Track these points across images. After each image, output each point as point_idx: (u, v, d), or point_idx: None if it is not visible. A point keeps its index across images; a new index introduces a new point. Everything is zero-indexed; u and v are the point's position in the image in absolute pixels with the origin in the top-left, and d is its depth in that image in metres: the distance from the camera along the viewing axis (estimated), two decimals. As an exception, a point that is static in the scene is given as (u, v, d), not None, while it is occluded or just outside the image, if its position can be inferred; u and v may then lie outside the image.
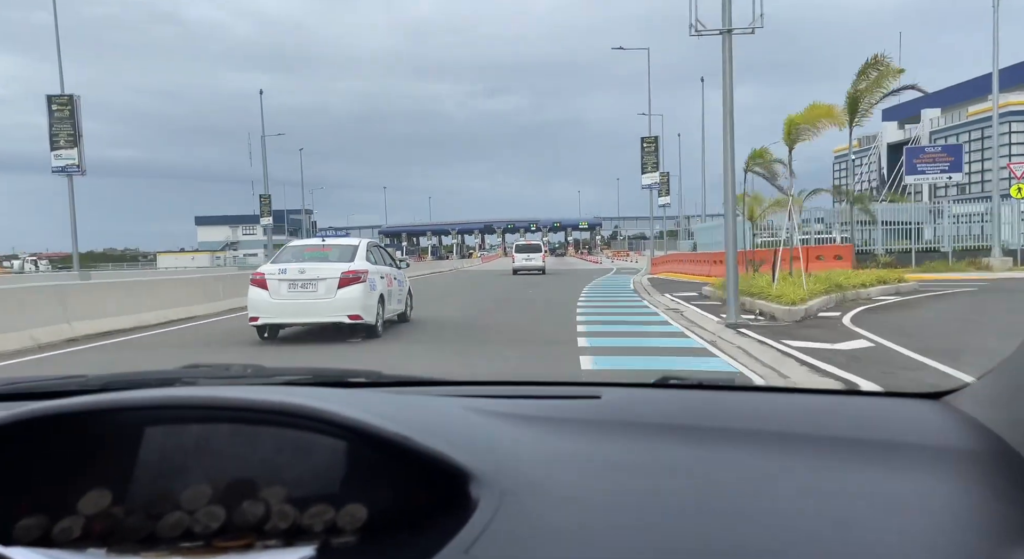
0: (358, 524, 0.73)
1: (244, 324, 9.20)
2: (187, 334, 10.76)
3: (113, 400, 0.79)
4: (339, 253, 8.82)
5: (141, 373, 0.94)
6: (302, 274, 8.32)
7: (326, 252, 8.90)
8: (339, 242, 9.56)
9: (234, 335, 10.02)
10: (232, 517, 0.73)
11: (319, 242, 9.67)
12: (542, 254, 30.42)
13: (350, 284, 8.27)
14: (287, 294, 8.26)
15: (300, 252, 9.05)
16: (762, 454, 0.85)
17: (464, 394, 1.10)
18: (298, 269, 8.40)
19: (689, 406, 1.09)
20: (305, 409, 0.75)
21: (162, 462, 0.77)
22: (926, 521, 0.69)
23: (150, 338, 10.36)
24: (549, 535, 0.64)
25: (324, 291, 8.25)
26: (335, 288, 8.24)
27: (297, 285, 8.30)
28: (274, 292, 8.26)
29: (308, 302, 8.30)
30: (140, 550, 0.71)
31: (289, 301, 8.28)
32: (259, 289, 8.34)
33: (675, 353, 8.19)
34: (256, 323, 8.47)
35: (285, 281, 8.27)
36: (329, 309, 8.29)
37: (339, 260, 8.62)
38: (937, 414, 0.98)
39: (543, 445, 0.85)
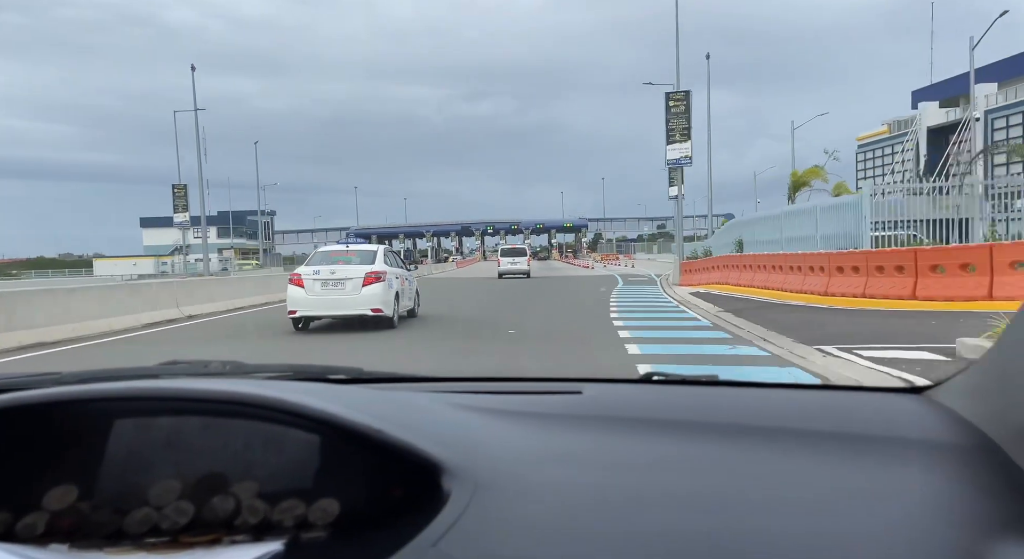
0: (330, 519, 0.73)
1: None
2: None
3: (81, 391, 0.78)
4: (361, 257, 10.60)
5: (118, 370, 0.89)
6: (332, 274, 10.12)
7: (351, 256, 10.67)
8: (361, 248, 11.29)
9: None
10: (201, 513, 0.73)
11: (344, 248, 11.39)
12: (527, 258, 31.64)
13: (373, 283, 10.10)
14: (320, 291, 10.07)
15: (329, 256, 10.79)
16: (744, 448, 0.86)
17: (446, 390, 1.11)
18: (329, 270, 10.16)
19: (671, 402, 1.07)
20: (274, 400, 0.74)
21: (131, 457, 0.76)
22: (908, 513, 0.70)
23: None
24: (521, 529, 0.63)
25: (351, 289, 10.09)
26: (360, 286, 10.07)
27: (328, 284, 10.10)
28: (309, 290, 10.07)
29: (337, 298, 10.10)
30: (105, 546, 0.70)
31: (322, 297, 10.08)
32: (297, 287, 10.16)
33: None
34: (294, 316, 10.22)
35: (318, 280, 10.07)
36: (355, 304, 10.09)
37: (362, 263, 10.42)
38: (919, 408, 0.99)
39: (522, 440, 0.85)
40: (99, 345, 10.28)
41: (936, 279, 10.81)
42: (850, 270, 12.40)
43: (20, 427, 0.77)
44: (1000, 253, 10.35)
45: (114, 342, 10.67)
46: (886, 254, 12.07)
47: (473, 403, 0.97)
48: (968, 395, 0.94)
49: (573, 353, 8.40)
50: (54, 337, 10.45)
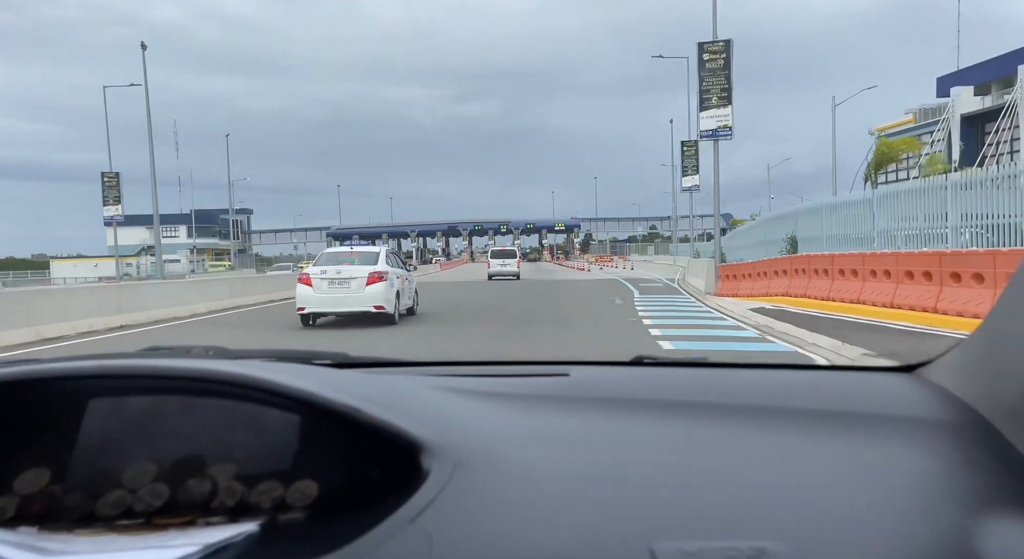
0: (308, 501, 0.73)
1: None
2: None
3: (54, 369, 0.77)
4: (365, 258, 11.58)
5: (97, 355, 0.84)
6: (339, 274, 11.01)
7: (355, 257, 11.63)
8: (364, 249, 12.40)
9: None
10: (177, 495, 0.73)
11: (349, 249, 12.39)
12: (516, 260, 32.24)
13: (376, 282, 11.01)
14: (327, 289, 10.96)
15: (335, 257, 11.78)
16: (734, 427, 0.86)
17: (431, 373, 1.11)
18: (335, 270, 11.05)
19: (660, 383, 1.07)
20: (252, 379, 0.74)
21: (105, 440, 0.76)
22: (899, 490, 0.70)
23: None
24: (501, 508, 0.64)
25: (356, 287, 10.99)
26: (364, 285, 10.97)
27: (335, 283, 10.99)
28: (317, 288, 10.95)
29: (343, 295, 10.99)
30: (75, 528, 0.69)
31: (329, 295, 10.98)
32: (305, 286, 11.04)
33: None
34: (303, 312, 11.09)
35: (325, 279, 10.96)
36: (359, 301, 10.98)
37: (366, 263, 11.33)
38: (909, 386, 1.00)
39: (506, 421, 0.85)
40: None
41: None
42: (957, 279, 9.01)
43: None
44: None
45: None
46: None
47: (458, 385, 0.96)
48: (959, 372, 0.94)
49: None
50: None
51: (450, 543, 0.57)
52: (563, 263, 69.43)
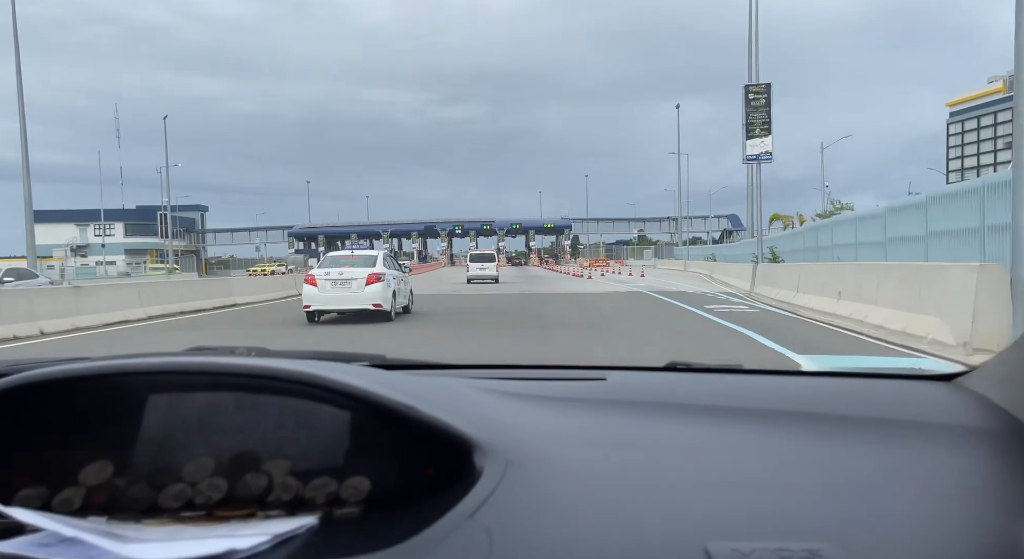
0: (361, 496, 0.75)
1: None
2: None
3: (116, 365, 0.80)
4: (364, 261, 13.01)
5: (146, 354, 0.88)
6: (340, 275, 12.39)
7: (356, 260, 13.13)
8: (364, 253, 14.05)
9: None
10: (234, 489, 0.76)
11: (350, 253, 14.13)
12: (495, 264, 32.53)
13: (374, 282, 12.33)
14: (330, 289, 12.33)
15: (338, 260, 13.16)
16: (771, 432, 0.87)
17: (471, 376, 1.13)
18: (338, 272, 12.45)
19: (696, 388, 1.10)
20: (310, 376, 0.76)
21: (165, 435, 0.79)
22: (940, 497, 0.71)
23: None
24: (552, 506, 0.65)
25: (356, 287, 12.31)
26: (364, 285, 12.29)
27: (337, 283, 12.34)
28: (321, 288, 12.33)
29: (345, 294, 12.33)
30: (142, 519, 0.72)
31: (331, 294, 12.34)
32: (311, 286, 12.41)
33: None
34: (308, 309, 12.45)
35: (329, 280, 12.35)
36: (359, 299, 12.31)
37: (365, 265, 12.71)
38: (950, 395, 1.00)
39: (547, 422, 0.87)
40: None
41: None
42: None
43: (57, 403, 0.78)
44: None
45: None
46: None
47: (499, 387, 0.98)
48: (1000, 381, 0.95)
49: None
50: None
51: (509, 539, 0.58)
52: (554, 268, 61.27)
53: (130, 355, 0.87)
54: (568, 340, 10.26)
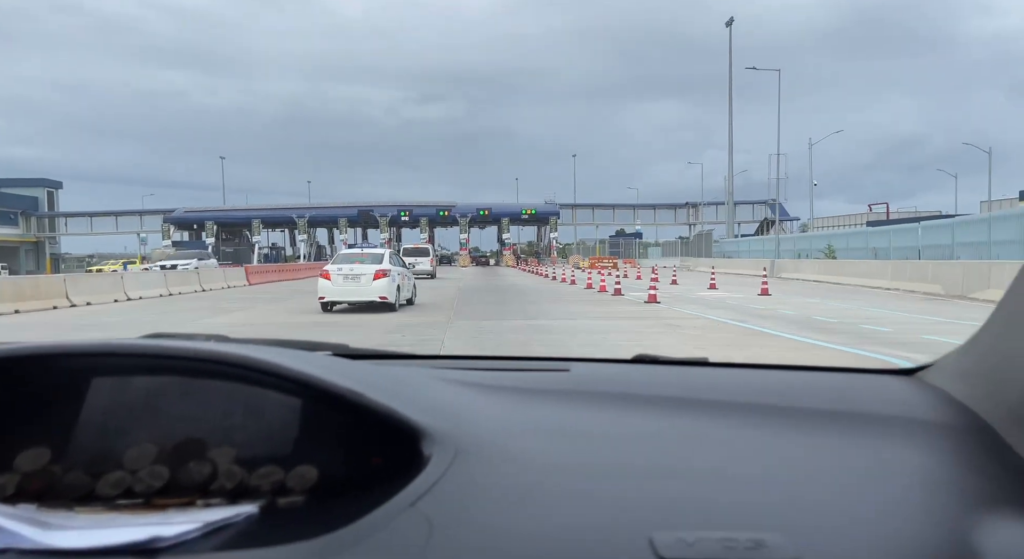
0: (308, 485, 0.75)
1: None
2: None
3: (57, 346, 0.78)
4: (372, 258, 14.71)
5: (98, 340, 0.85)
6: (351, 271, 14.16)
7: (364, 257, 14.79)
8: (372, 251, 15.68)
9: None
10: (177, 477, 0.75)
11: (359, 251, 15.94)
12: (429, 259, 32.87)
13: (381, 278, 14.04)
14: (342, 283, 14.10)
15: (349, 257, 15.05)
16: (734, 423, 0.89)
17: (432, 366, 1.15)
18: (349, 268, 14.23)
19: (660, 380, 1.11)
20: (255, 361, 0.75)
21: (107, 420, 0.78)
22: (898, 487, 0.72)
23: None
24: (501, 496, 0.65)
25: (365, 282, 14.03)
26: (371, 280, 14.02)
27: (348, 278, 14.10)
28: (334, 282, 14.10)
29: (355, 288, 14.08)
30: (75, 506, 0.72)
31: (343, 287, 14.11)
32: (325, 280, 14.19)
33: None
34: (323, 300, 14.25)
35: (341, 275, 14.14)
36: (367, 292, 14.01)
37: (373, 263, 14.46)
38: (911, 389, 1.03)
39: (506, 412, 0.88)
40: None
41: None
42: None
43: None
44: None
45: None
46: None
47: (459, 377, 1.00)
48: (959, 376, 0.98)
49: None
50: None
51: (449, 528, 0.59)
52: (536, 270, 40.54)
53: (83, 340, 0.83)
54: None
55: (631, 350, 1.40)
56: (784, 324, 11.44)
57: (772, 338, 9.81)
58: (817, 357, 7.84)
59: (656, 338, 9.76)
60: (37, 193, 67.52)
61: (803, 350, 8.57)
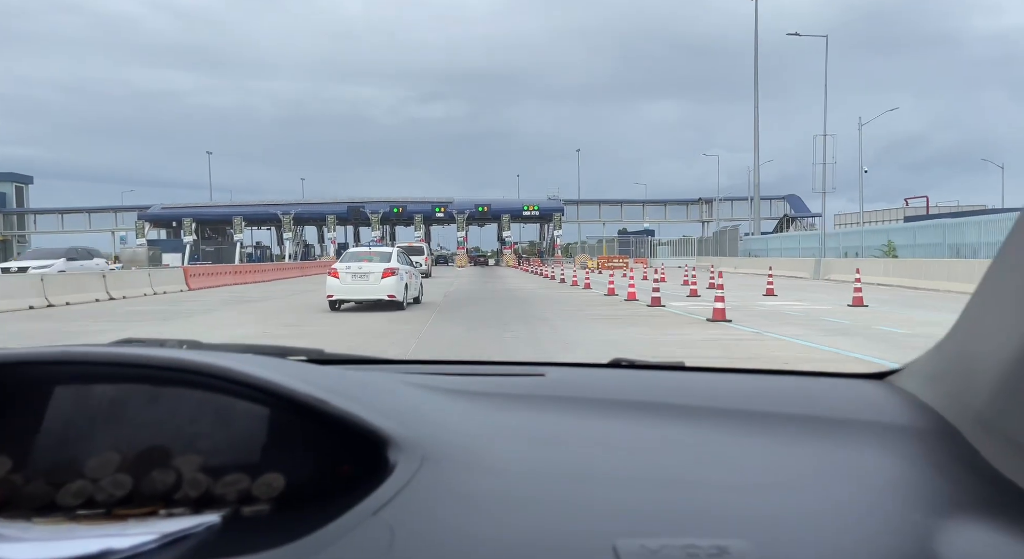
0: (274, 493, 0.74)
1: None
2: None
3: (15, 354, 0.78)
4: (381, 257, 14.76)
5: (68, 346, 0.84)
6: (360, 269, 14.25)
7: (372, 256, 14.84)
8: (380, 250, 15.66)
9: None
10: (140, 486, 0.74)
11: (368, 250, 15.71)
12: (424, 257, 29.12)
13: (389, 276, 14.13)
14: (351, 281, 14.17)
15: (357, 256, 15.11)
16: (706, 428, 0.90)
17: (407, 372, 1.15)
18: (357, 266, 14.33)
19: (635, 385, 1.11)
20: (217, 368, 0.75)
21: (69, 429, 0.77)
22: (865, 491, 0.72)
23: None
24: (466, 503, 0.65)
25: (373, 280, 14.11)
26: (380, 278, 14.10)
27: (357, 276, 14.19)
28: (343, 280, 14.18)
29: (363, 286, 14.15)
30: (33, 517, 0.71)
31: (352, 285, 14.17)
32: (333, 278, 14.20)
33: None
34: (332, 298, 14.21)
35: (349, 273, 14.22)
36: (375, 291, 14.11)
37: (381, 261, 14.51)
38: (881, 393, 1.04)
39: (478, 418, 0.89)
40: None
41: None
42: None
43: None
44: None
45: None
46: None
47: (432, 383, 1.00)
48: (927, 380, 0.99)
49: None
50: None
51: (412, 537, 0.59)
52: (538, 270, 36.22)
53: (52, 347, 0.83)
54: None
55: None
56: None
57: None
58: None
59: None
60: (5, 188, 63.20)
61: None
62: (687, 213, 69.50)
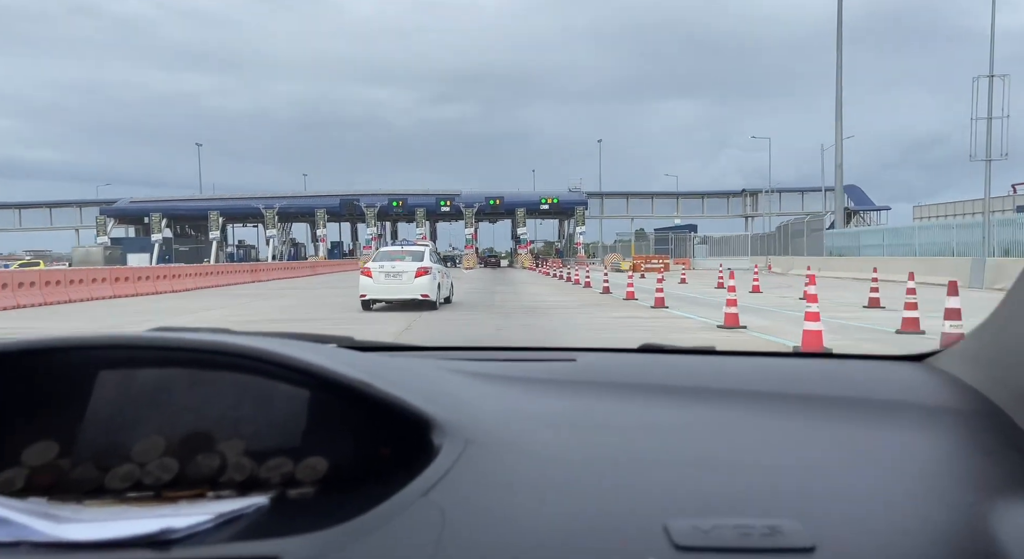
0: (318, 476, 0.75)
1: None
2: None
3: (64, 340, 0.78)
4: (413, 255, 14.54)
5: (104, 333, 0.84)
6: (393, 268, 14.00)
7: (405, 255, 14.58)
8: (413, 249, 15.62)
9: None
10: (186, 470, 0.75)
11: (400, 248, 15.72)
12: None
13: (422, 275, 13.84)
14: (384, 281, 13.91)
15: (389, 255, 14.81)
16: (744, 411, 0.89)
17: (439, 357, 1.15)
18: (390, 265, 14.09)
19: (667, 369, 1.11)
20: (261, 352, 0.76)
21: (115, 413, 0.78)
22: (910, 472, 0.73)
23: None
24: (513, 486, 0.66)
25: (406, 279, 13.80)
26: (413, 278, 13.78)
27: (390, 275, 13.91)
28: (376, 279, 13.92)
29: (396, 285, 13.86)
30: (84, 499, 0.72)
31: (385, 285, 13.92)
32: (366, 278, 14.05)
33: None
34: (364, 298, 14.15)
35: (383, 272, 13.99)
36: (409, 290, 13.78)
37: (414, 260, 14.24)
38: (920, 375, 1.03)
39: (513, 402, 0.89)
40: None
41: None
42: None
43: (1, 379, 0.78)
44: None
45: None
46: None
47: (466, 368, 1.00)
48: (970, 360, 0.98)
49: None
50: None
51: (462, 518, 0.59)
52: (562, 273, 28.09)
53: (89, 334, 0.84)
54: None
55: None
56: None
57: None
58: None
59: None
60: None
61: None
62: (728, 208, 61.20)
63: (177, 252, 53.86)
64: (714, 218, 61.32)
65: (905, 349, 1.44)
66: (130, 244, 53.00)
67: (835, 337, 8.32)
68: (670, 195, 62.46)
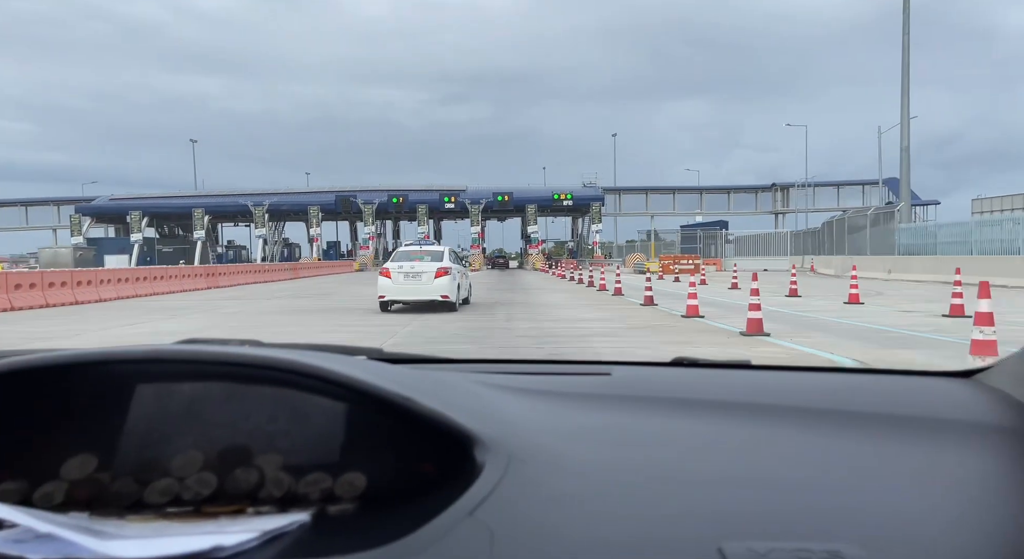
0: (356, 492, 0.74)
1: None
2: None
3: (101, 353, 0.78)
4: (433, 256, 14.06)
5: (142, 347, 0.84)
6: (412, 269, 13.54)
7: (425, 255, 14.07)
8: (432, 249, 14.83)
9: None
10: (224, 485, 0.75)
11: (419, 248, 14.81)
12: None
13: (442, 276, 13.42)
14: (403, 281, 13.48)
15: (409, 255, 14.22)
16: (787, 428, 0.87)
17: (474, 371, 1.13)
18: (410, 266, 13.64)
19: (703, 384, 1.09)
20: (302, 365, 0.75)
21: (152, 427, 0.78)
22: (961, 494, 0.71)
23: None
24: (558, 503, 0.64)
25: (426, 280, 13.37)
26: (433, 278, 13.37)
27: (409, 276, 13.47)
28: (395, 280, 13.51)
29: (415, 286, 13.41)
30: (125, 514, 0.71)
31: (404, 286, 13.49)
32: (385, 278, 13.59)
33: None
34: (383, 299, 13.63)
35: (402, 273, 13.53)
36: (428, 291, 13.36)
37: (434, 260, 13.79)
38: (968, 391, 1.00)
39: (551, 417, 0.88)
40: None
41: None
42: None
43: (39, 392, 0.77)
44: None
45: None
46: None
47: (502, 382, 0.98)
48: (1020, 377, 0.96)
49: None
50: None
51: (511, 537, 0.58)
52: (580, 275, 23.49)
53: (121, 347, 0.83)
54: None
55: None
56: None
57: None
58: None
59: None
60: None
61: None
62: (756, 203, 56.29)
63: (160, 253, 49.68)
64: (741, 214, 56.45)
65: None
66: (109, 245, 48.91)
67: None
68: (693, 190, 57.69)
